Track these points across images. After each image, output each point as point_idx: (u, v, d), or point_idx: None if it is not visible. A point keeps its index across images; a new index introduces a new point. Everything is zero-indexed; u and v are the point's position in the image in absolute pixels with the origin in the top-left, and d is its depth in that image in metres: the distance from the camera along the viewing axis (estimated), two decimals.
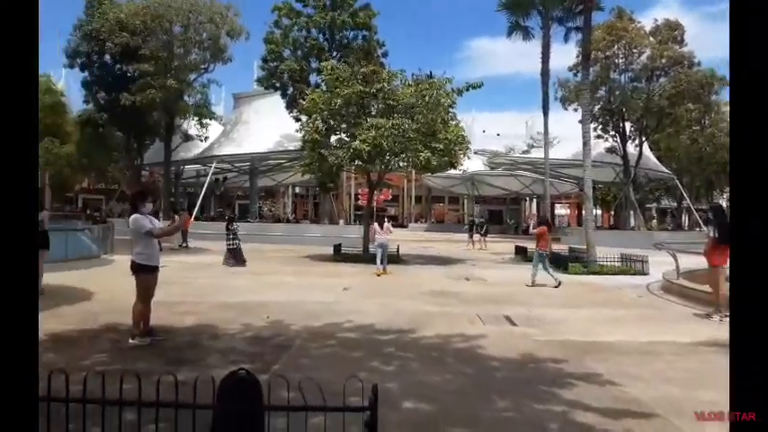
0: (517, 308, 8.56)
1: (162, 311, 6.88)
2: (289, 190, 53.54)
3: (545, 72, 20.43)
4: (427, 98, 14.94)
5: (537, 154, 37.17)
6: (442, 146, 15.09)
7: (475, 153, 35.28)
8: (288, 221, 37.95)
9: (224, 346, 5.84)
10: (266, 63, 26.98)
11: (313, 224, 32.77)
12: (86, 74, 28.01)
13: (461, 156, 16.68)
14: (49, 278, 9.27)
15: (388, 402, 3.69)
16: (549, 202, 22.98)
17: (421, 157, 14.86)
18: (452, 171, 19.94)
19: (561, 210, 55.73)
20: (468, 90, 15.90)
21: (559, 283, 11.02)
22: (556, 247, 18.61)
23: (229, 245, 14.55)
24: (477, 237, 24.89)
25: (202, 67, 28.13)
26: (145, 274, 5.86)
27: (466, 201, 54.72)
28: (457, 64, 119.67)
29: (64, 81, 36.70)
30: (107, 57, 27.28)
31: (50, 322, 6.64)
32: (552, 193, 31.64)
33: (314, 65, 26.23)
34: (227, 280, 11.41)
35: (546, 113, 20.81)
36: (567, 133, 30.51)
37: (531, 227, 12.71)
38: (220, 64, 28.04)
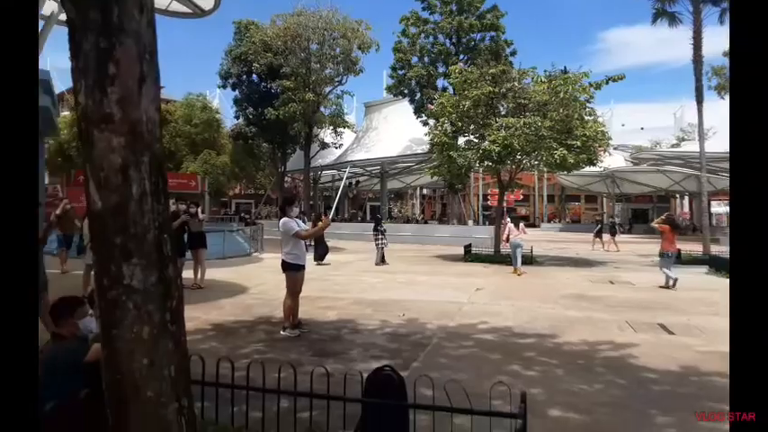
0: (673, 315, 7.74)
1: (307, 306, 7.37)
2: (417, 191, 54.31)
3: (697, 59, 18.18)
4: (561, 94, 14.17)
5: (688, 147, 33.31)
6: (579, 143, 14.19)
7: (615, 149, 32.61)
8: (416, 222, 38.51)
9: (364, 340, 6.07)
10: (395, 71, 27.66)
11: (441, 224, 32.83)
12: (237, 92, 31.23)
13: (601, 152, 15.54)
14: (210, 274, 10.42)
15: (532, 410, 3.52)
16: (705, 200, 20.38)
17: (556, 156, 14.10)
18: (589, 168, 18.66)
19: (719, 208, 49.40)
20: (607, 83, 14.79)
21: (674, 284, 10.38)
22: (715, 249, 16.59)
23: (378, 245, 15.07)
24: (606, 237, 23.02)
25: (336, 80, 29.73)
26: (293, 271, 6.31)
27: (605, 199, 50.97)
28: (590, 56, 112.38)
29: (219, 100, 41.12)
30: (254, 76, 30.27)
31: (213, 313, 7.46)
32: (708, 189, 28.10)
33: (441, 69, 26.31)
34: (362, 277, 11.85)
35: (700, 103, 18.53)
36: (724, 124, 26.98)
37: (653, 221, 12.12)
38: (352, 76, 29.42)
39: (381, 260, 14.78)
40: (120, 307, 2.04)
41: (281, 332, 6.24)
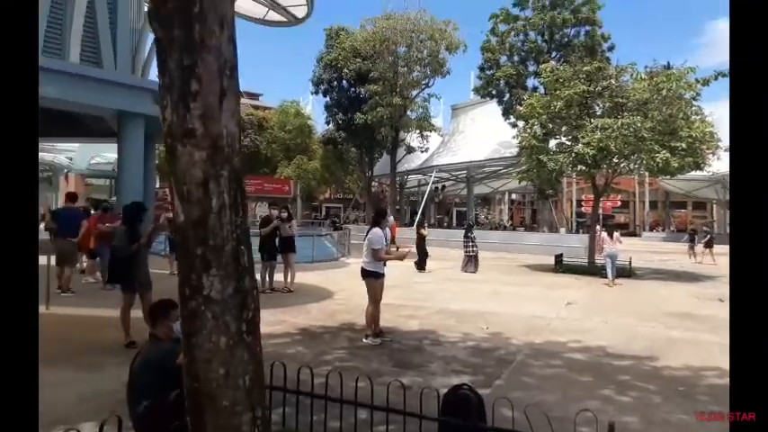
0: None
1: (388, 314, 7.40)
2: (505, 197, 52.93)
3: None
4: (664, 92, 13.13)
5: None
6: (684, 144, 13.08)
7: (725, 151, 29.70)
8: (504, 229, 37.53)
9: (445, 353, 5.96)
10: (483, 72, 27.21)
11: (531, 232, 31.74)
12: (327, 98, 32.18)
13: (709, 155, 14.24)
14: (299, 278, 10.76)
15: None
16: None
17: (657, 159, 13.08)
18: (696, 173, 17.18)
19: None
20: (716, 79, 13.49)
21: None
22: None
23: (468, 252, 14.93)
24: (699, 248, 21.01)
25: (423, 83, 29.76)
26: (372, 279, 6.39)
27: (715, 206, 46.60)
28: (697, 50, 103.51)
29: (311, 106, 42.69)
30: (344, 82, 31.05)
31: (300, 318, 7.70)
32: None
33: (531, 68, 25.51)
34: (445, 285, 11.70)
35: None
36: None
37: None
38: (439, 78, 29.30)
39: (473, 268, 14.61)
40: (200, 317, 2.11)
41: (364, 340, 6.31)
